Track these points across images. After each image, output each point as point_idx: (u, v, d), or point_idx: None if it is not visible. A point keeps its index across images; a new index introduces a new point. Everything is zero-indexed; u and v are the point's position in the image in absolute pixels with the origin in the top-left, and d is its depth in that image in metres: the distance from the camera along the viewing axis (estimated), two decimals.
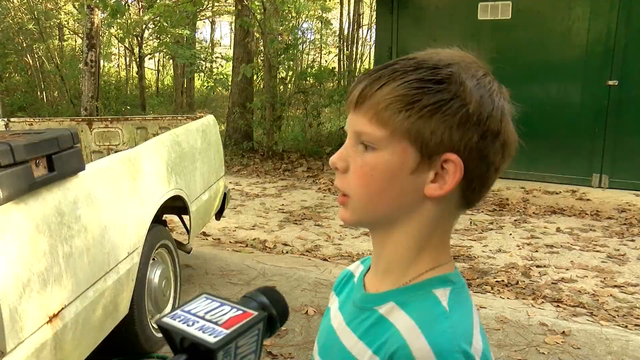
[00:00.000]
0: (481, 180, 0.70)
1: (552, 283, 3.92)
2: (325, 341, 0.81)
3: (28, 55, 14.19)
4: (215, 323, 0.61)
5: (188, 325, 0.62)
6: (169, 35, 11.94)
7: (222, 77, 11.15)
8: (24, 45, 13.85)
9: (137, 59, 13.83)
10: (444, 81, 0.67)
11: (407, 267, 0.72)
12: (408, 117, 0.67)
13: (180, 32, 12.02)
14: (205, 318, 0.62)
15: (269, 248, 4.75)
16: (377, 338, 0.69)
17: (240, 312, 0.64)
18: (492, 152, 0.69)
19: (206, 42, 19.29)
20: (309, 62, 12.16)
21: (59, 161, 2.06)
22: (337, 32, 16.18)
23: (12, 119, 4.39)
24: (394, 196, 0.70)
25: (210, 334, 0.60)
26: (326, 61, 16.21)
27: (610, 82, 6.21)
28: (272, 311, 0.68)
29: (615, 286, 3.86)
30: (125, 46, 15.26)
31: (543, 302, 3.63)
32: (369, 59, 15.72)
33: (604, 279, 3.98)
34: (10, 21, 13.84)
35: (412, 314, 0.68)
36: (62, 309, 2.04)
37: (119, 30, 13.15)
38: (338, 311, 0.82)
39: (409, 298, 0.70)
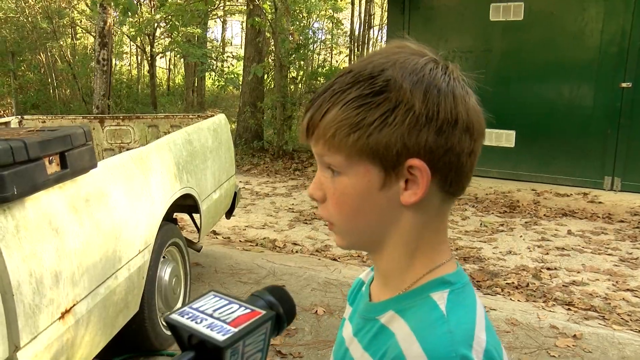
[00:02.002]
0: (456, 171, 0.68)
1: (563, 286, 3.89)
2: (338, 352, 0.81)
3: (41, 54, 14.33)
4: (224, 321, 0.61)
5: (196, 322, 0.62)
6: (181, 34, 11.99)
7: (233, 76, 11.18)
8: (38, 43, 13.98)
9: (149, 58, 13.90)
10: (383, 90, 0.65)
11: (404, 274, 0.72)
12: (358, 139, 0.66)
13: (191, 31, 12.07)
14: (213, 316, 0.62)
15: (279, 247, 4.75)
16: (380, 348, 0.69)
17: (248, 310, 0.64)
18: (456, 142, 0.66)
19: (217, 41, 19.36)
20: (319, 62, 12.12)
21: (71, 158, 2.08)
22: (348, 33, 16.16)
23: (25, 117, 4.43)
24: (372, 214, 0.70)
25: (218, 331, 0.60)
26: (337, 61, 16.20)
27: (624, 84, 6.15)
28: (279, 310, 0.68)
29: (627, 290, 3.82)
30: (137, 45, 15.35)
31: (554, 304, 3.60)
32: None
33: (616, 282, 3.94)
34: (24, 20, 13.97)
35: (410, 321, 0.67)
36: (74, 305, 2.06)
37: (130, 29, 13.23)
38: (349, 322, 0.82)
39: (408, 305, 0.69)
